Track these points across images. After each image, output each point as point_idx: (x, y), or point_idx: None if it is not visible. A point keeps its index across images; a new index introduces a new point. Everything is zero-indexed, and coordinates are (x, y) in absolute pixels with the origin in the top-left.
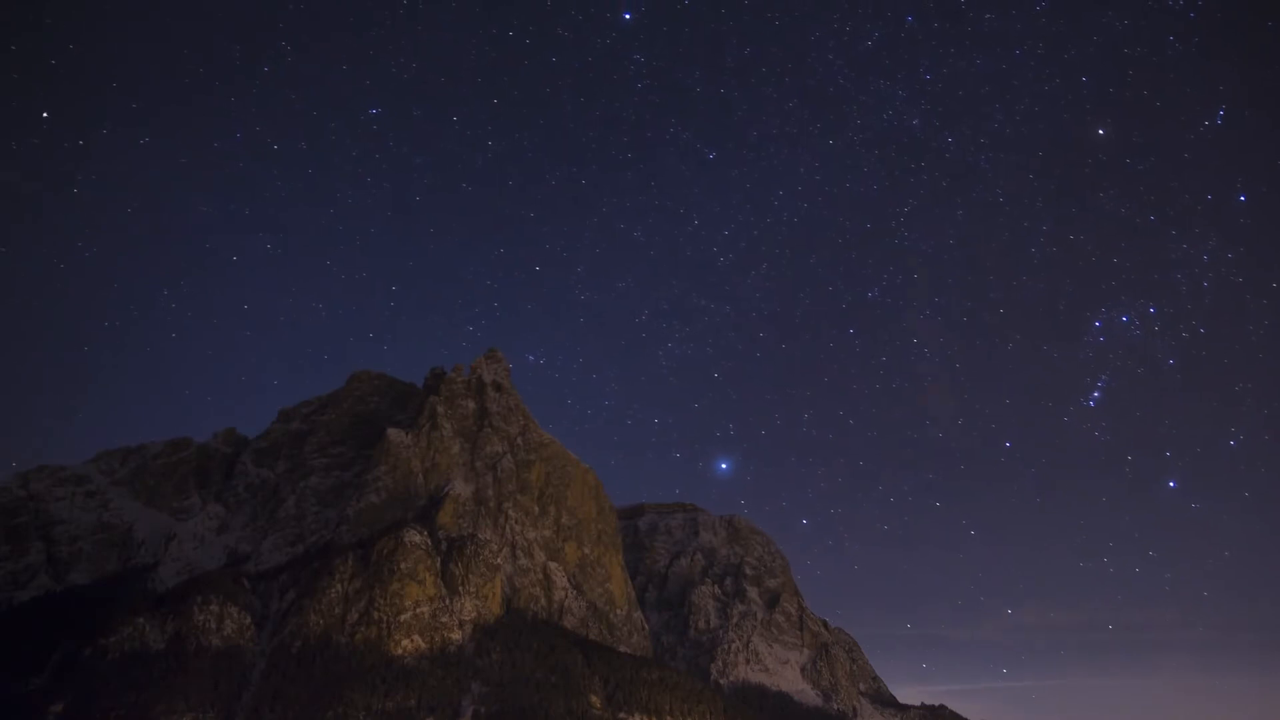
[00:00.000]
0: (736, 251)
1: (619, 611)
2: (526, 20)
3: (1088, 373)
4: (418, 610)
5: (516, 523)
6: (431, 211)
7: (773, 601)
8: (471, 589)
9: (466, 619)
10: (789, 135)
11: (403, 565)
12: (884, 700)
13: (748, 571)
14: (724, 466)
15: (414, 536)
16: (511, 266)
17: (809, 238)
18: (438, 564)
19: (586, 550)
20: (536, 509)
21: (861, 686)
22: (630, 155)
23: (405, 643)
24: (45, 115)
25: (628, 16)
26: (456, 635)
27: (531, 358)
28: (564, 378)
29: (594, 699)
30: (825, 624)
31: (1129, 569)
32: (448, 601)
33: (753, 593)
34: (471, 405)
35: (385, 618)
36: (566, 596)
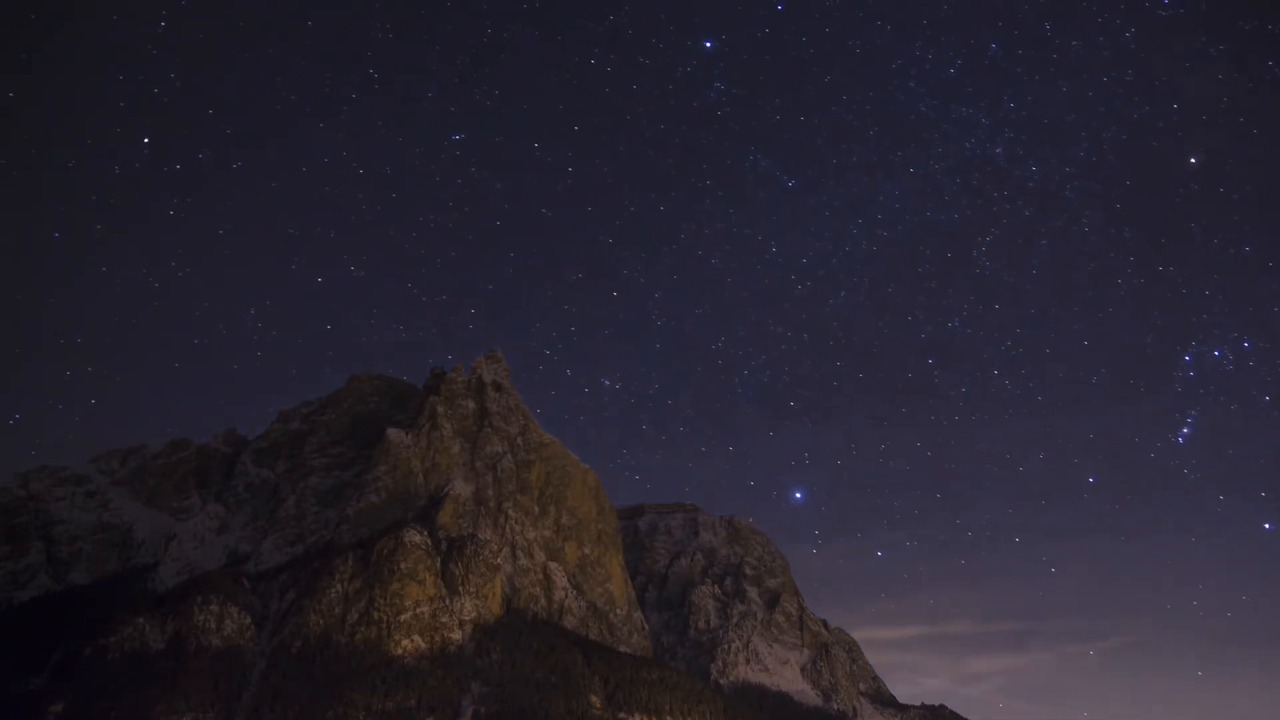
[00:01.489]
0: (815, 279)
1: (619, 611)
2: (608, 48)
3: (1176, 408)
4: (418, 610)
5: (516, 523)
6: (511, 236)
7: (773, 601)
8: (471, 589)
9: (466, 619)
10: (869, 163)
11: (403, 565)
12: (884, 700)
13: (748, 571)
14: (798, 496)
15: (414, 536)
16: (589, 291)
17: (888, 266)
18: (438, 564)
19: (586, 550)
20: (536, 509)
21: (861, 686)
22: (709, 182)
23: (405, 643)
24: (146, 141)
25: (708, 44)
26: (456, 635)
27: (607, 382)
28: (639, 403)
29: (594, 699)
30: (825, 624)
31: (1219, 613)
32: (448, 601)
33: (753, 593)
34: (471, 405)
35: (385, 618)
36: (566, 596)
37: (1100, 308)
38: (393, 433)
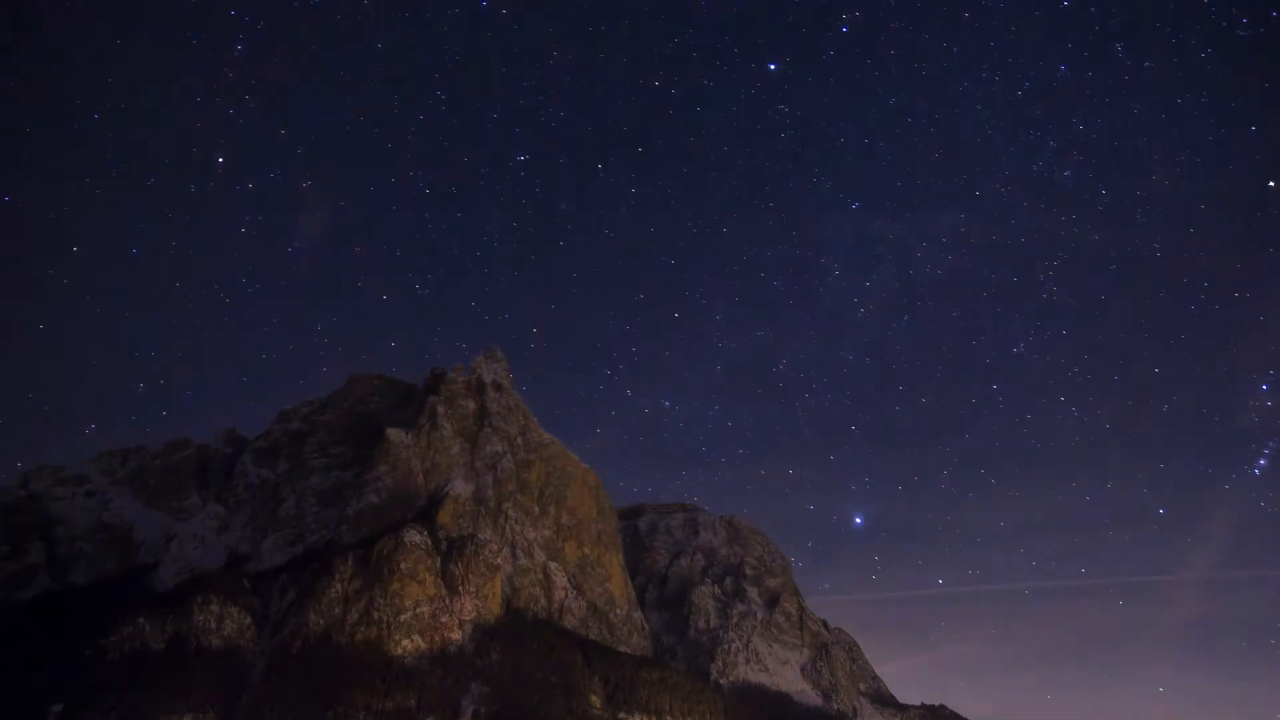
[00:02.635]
0: (878, 303)
1: (619, 611)
2: (672, 71)
3: (1253, 439)
4: (418, 610)
5: (516, 523)
6: (574, 256)
7: (773, 601)
8: (471, 589)
9: (466, 619)
10: (934, 186)
11: (403, 565)
12: (884, 700)
13: (748, 571)
14: (858, 521)
15: (414, 536)
16: (650, 312)
17: (953, 290)
18: (438, 564)
19: (586, 550)
20: (536, 509)
21: (861, 686)
22: (772, 204)
23: (405, 643)
24: (221, 160)
25: (773, 67)
26: (456, 635)
27: (667, 404)
28: (699, 425)
29: (594, 699)
30: (825, 624)
31: None
32: (448, 601)
33: (753, 593)
34: (471, 405)
35: (385, 618)
36: (566, 596)
37: (1172, 334)
38: (393, 433)
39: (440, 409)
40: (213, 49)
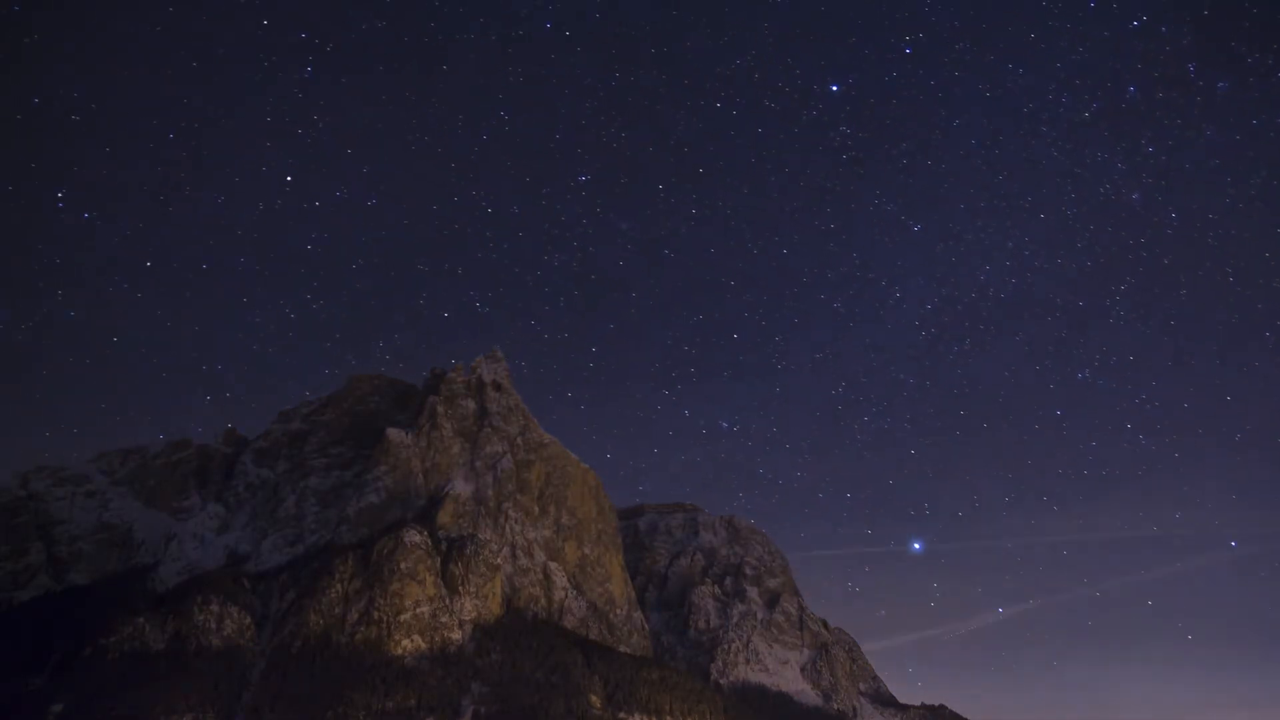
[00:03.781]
0: (939, 326)
1: (619, 611)
2: (734, 92)
3: None
4: (418, 610)
5: (516, 523)
6: (634, 277)
7: (773, 601)
8: (471, 589)
9: (466, 619)
10: (998, 209)
11: (403, 565)
12: (884, 700)
13: (748, 571)
14: (917, 547)
15: (414, 536)
16: (709, 333)
17: (1016, 314)
18: (438, 564)
19: (586, 550)
20: (536, 509)
21: (861, 686)
22: (833, 226)
23: (405, 643)
24: (289, 179)
25: (835, 88)
26: (456, 635)
27: (725, 425)
28: (757, 446)
29: (594, 699)
30: (825, 624)
31: None
32: (448, 601)
33: (753, 593)
34: (471, 405)
35: (385, 618)
36: (566, 596)
37: (1245, 361)
38: (393, 433)
39: (440, 409)
40: (283, 70)
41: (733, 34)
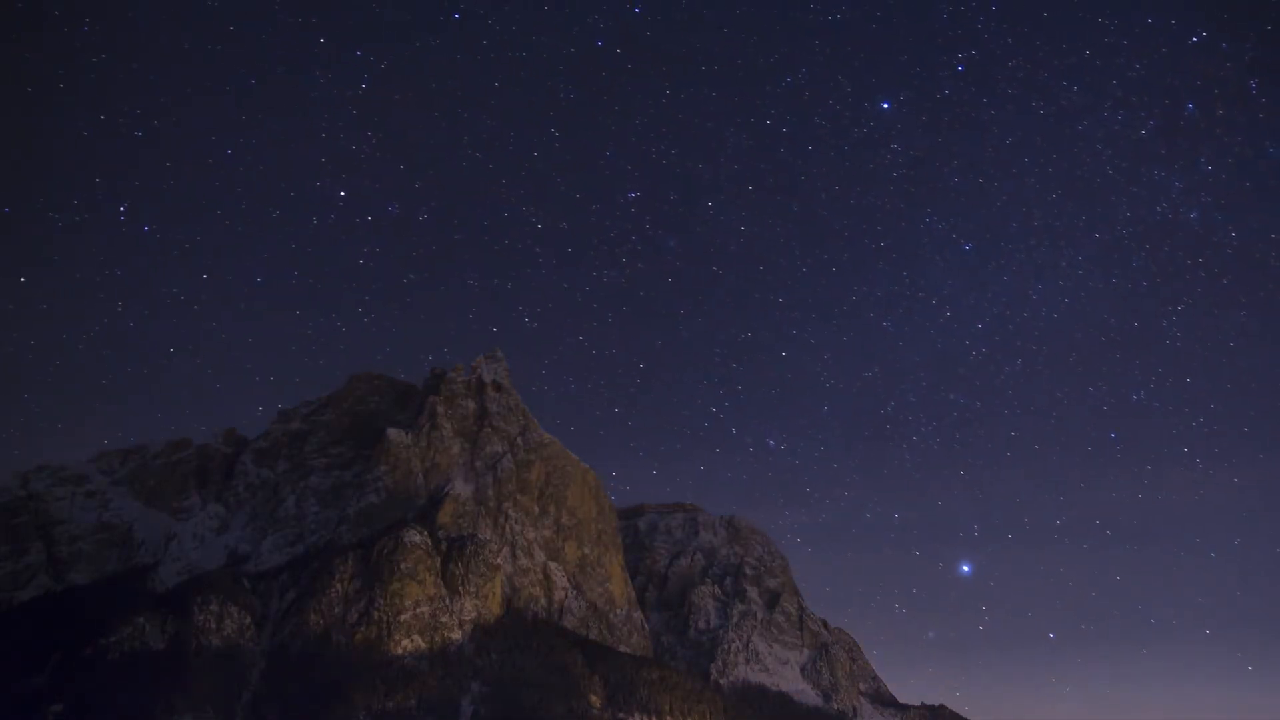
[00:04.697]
0: (990, 345)
1: (619, 611)
2: (784, 109)
3: None
4: (418, 610)
5: (516, 523)
6: (682, 293)
7: (773, 601)
8: (471, 589)
9: (466, 619)
10: (1051, 228)
11: (403, 565)
12: (884, 700)
13: (748, 571)
14: (966, 569)
15: (414, 536)
16: (757, 351)
17: (1069, 334)
18: (438, 564)
19: (586, 550)
20: (536, 509)
21: (861, 686)
22: (883, 244)
23: (405, 643)
24: (342, 194)
25: (886, 106)
26: (456, 635)
27: (772, 443)
28: (804, 465)
29: (594, 699)
30: (825, 624)
31: None
32: (448, 601)
33: (753, 593)
34: (471, 405)
35: (385, 618)
36: (566, 596)
37: None
38: (393, 433)
39: (440, 409)
40: (338, 86)
41: (783, 51)
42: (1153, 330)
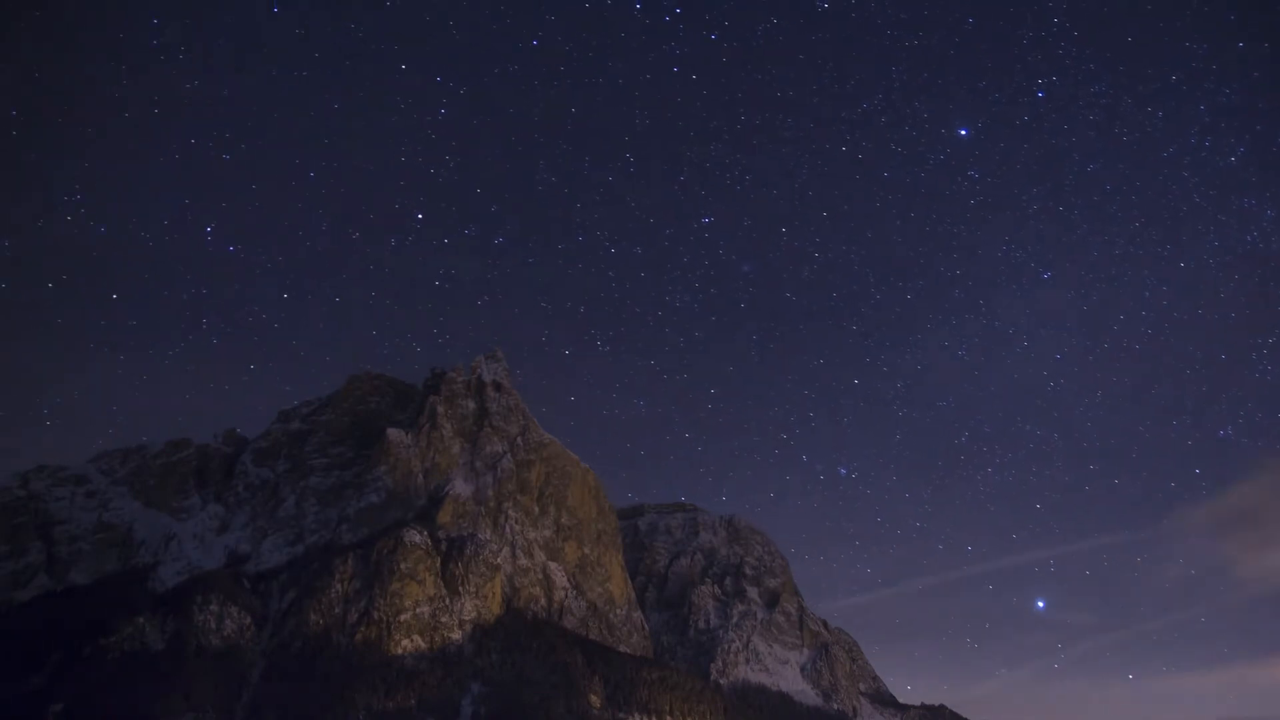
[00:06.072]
0: (1069, 376)
1: (619, 611)
2: (860, 136)
3: None
4: (418, 610)
5: (516, 523)
6: (755, 319)
7: (773, 601)
8: (471, 589)
9: (466, 619)
10: (1134, 256)
11: (403, 565)
12: (884, 700)
13: (748, 571)
14: (1040, 605)
15: (414, 536)
16: (830, 378)
17: (1152, 367)
18: (438, 564)
19: (586, 550)
20: (536, 509)
21: (861, 686)
22: (959, 272)
23: (405, 643)
24: (420, 217)
25: (963, 132)
26: (456, 635)
27: (843, 471)
28: (875, 495)
29: (594, 699)
30: (825, 624)
31: None
32: (448, 601)
33: (753, 593)
34: (471, 405)
35: (385, 618)
36: (566, 596)
37: None
38: (393, 433)
39: (440, 409)
40: (418, 112)
41: (860, 78)
42: (1241, 363)
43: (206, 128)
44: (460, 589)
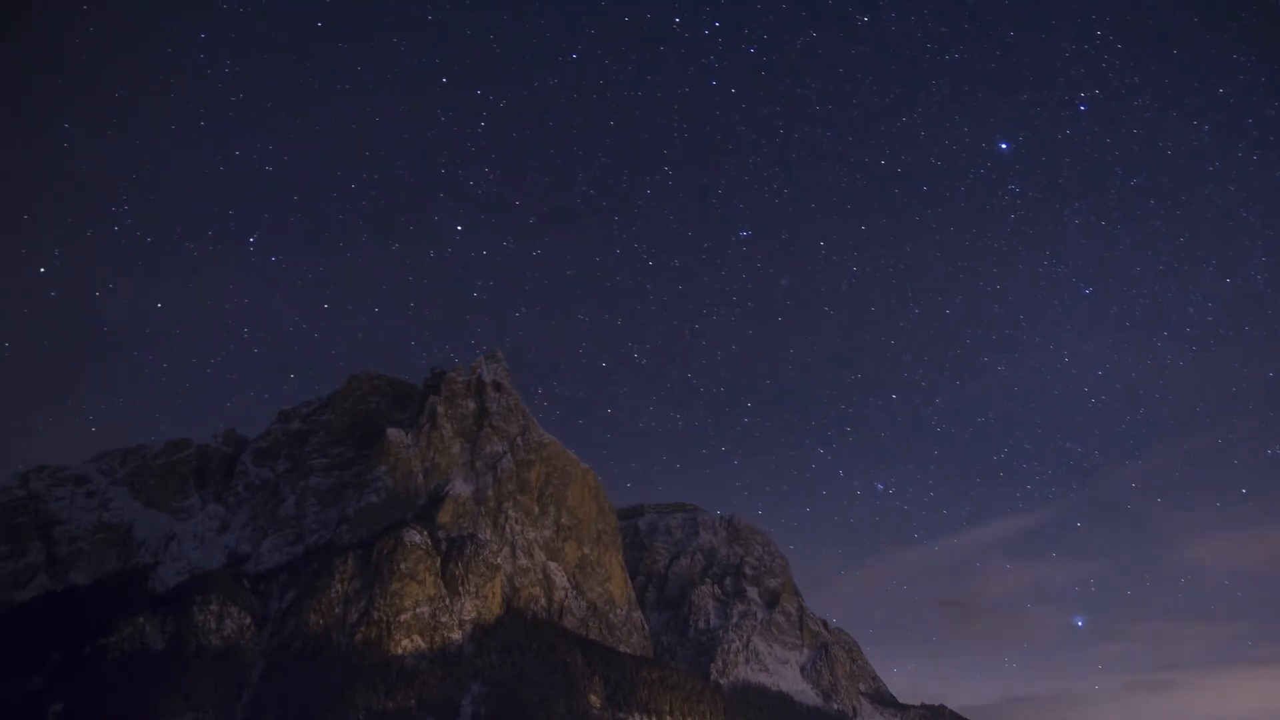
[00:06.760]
0: (1110, 393)
1: (619, 611)
2: (899, 149)
3: None
4: (418, 610)
5: (516, 523)
6: (792, 332)
7: (773, 601)
8: (471, 589)
9: (466, 619)
10: (1178, 272)
11: (403, 565)
12: (884, 700)
13: (748, 571)
14: (1080, 624)
15: (414, 536)
16: (867, 393)
17: (1198, 383)
18: (438, 564)
19: (586, 550)
20: (536, 509)
21: (861, 686)
22: (999, 287)
23: (405, 643)
24: (459, 229)
25: (1004, 146)
26: (456, 635)
27: (881, 486)
28: (913, 510)
29: (594, 699)
30: (825, 624)
31: None
32: (448, 601)
33: (753, 593)
34: (471, 405)
35: (385, 618)
36: (566, 596)
37: None
38: (393, 433)
39: (440, 409)
40: (458, 125)
41: (899, 91)
42: None
43: (249, 140)
44: (460, 589)
